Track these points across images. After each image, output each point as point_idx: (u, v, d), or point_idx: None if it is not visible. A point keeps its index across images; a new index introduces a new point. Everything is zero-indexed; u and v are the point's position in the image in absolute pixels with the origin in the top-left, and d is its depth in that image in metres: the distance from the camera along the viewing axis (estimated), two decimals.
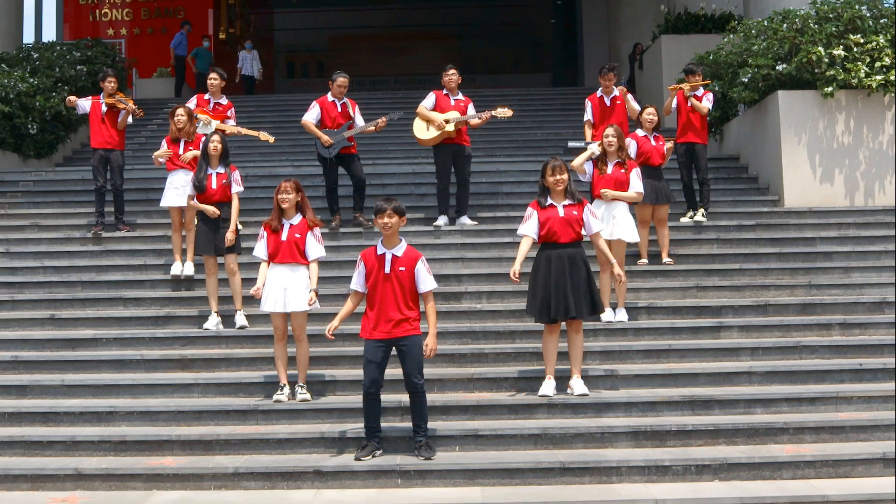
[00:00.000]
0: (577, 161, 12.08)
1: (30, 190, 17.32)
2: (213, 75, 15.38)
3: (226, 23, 36.06)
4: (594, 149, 12.28)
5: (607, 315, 11.87)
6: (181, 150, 13.50)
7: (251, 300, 11.81)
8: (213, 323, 12.02)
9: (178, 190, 13.25)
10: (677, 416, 10.01)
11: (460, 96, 14.99)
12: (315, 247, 10.46)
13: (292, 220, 10.45)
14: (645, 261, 13.47)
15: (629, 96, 14.64)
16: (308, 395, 10.33)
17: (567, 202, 10.27)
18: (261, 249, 10.50)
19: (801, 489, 8.67)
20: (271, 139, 15.00)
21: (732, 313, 12.26)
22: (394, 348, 9.24)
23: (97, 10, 33.06)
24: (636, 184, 12.05)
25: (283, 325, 10.42)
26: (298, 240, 10.39)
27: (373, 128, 14.73)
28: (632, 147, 13.24)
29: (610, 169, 12.05)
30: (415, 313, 9.22)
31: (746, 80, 16.40)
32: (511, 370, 10.92)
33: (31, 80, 20.18)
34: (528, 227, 10.32)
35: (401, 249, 9.25)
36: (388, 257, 9.20)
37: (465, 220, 14.86)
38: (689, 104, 15.03)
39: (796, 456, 9.10)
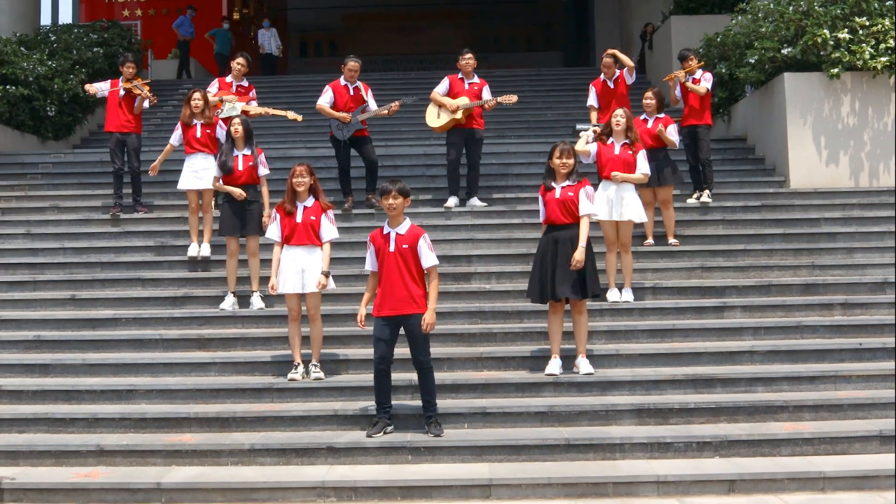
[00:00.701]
0: (578, 146, 12.27)
1: (49, 172, 17.62)
2: (240, 60, 15.58)
3: (239, 3, 36.26)
4: (588, 134, 12.50)
5: (613, 295, 12.14)
6: (198, 134, 13.71)
7: (267, 283, 12.14)
8: (229, 303, 12.30)
9: (196, 173, 13.49)
10: (680, 394, 10.29)
11: (475, 79, 15.21)
12: (329, 228, 10.75)
13: (306, 202, 10.73)
14: (651, 241, 13.71)
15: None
16: (321, 374, 10.64)
17: (566, 183, 10.51)
18: (274, 231, 10.78)
19: (799, 465, 8.95)
20: (299, 118, 15.22)
21: (736, 293, 12.50)
22: (402, 326, 9.53)
23: None
24: (643, 165, 12.26)
25: (297, 305, 10.71)
26: (314, 222, 10.67)
27: (386, 112, 14.95)
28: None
29: (617, 150, 12.26)
30: (421, 291, 9.48)
31: (753, 61, 16.59)
32: (519, 349, 11.21)
33: (50, 62, 20.43)
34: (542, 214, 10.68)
35: (404, 228, 9.54)
36: (393, 236, 9.49)
37: (476, 202, 15.12)
38: (687, 89, 15.21)
39: (795, 433, 9.37)
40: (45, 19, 29.82)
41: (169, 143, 14.16)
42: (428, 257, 9.49)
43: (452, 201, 15.09)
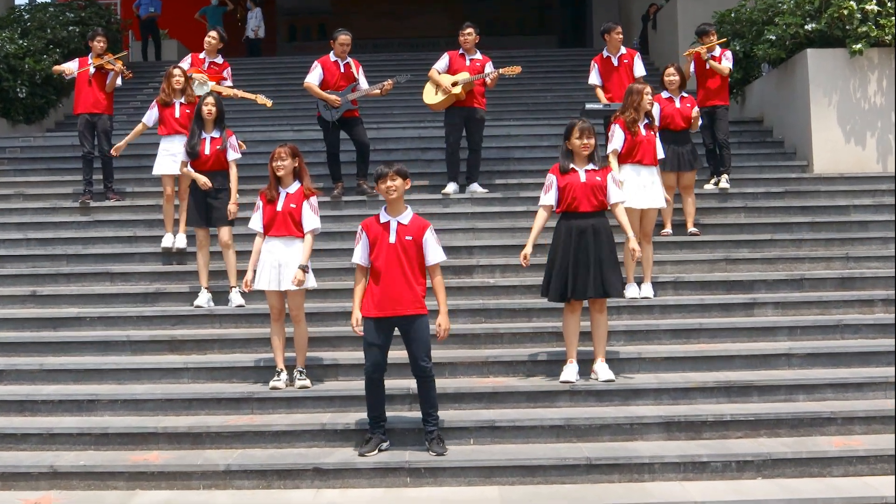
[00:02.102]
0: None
1: (16, 157, 16.45)
2: (212, 34, 14.47)
3: None
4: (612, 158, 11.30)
5: (632, 290, 10.99)
6: (176, 114, 12.66)
7: (239, 276, 11.04)
8: (204, 300, 11.16)
9: (174, 157, 12.36)
10: (712, 403, 9.13)
11: (478, 55, 14.08)
12: (310, 217, 9.53)
13: (289, 188, 9.54)
14: (669, 231, 12.58)
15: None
16: (307, 382, 9.44)
17: (590, 167, 9.37)
18: (256, 221, 9.57)
19: (855, 488, 7.78)
20: (269, 103, 14.13)
21: (766, 288, 11.37)
22: (396, 328, 8.36)
23: None
24: (660, 148, 11.21)
25: (279, 304, 9.52)
26: (294, 210, 9.46)
27: (378, 91, 13.84)
28: (655, 109, 12.25)
29: (644, 131, 11.12)
30: (422, 289, 8.32)
31: (773, 38, 15.46)
32: (529, 352, 10.03)
33: (21, 41, 19.26)
34: (548, 198, 9.45)
35: (407, 217, 8.36)
36: (394, 226, 8.29)
37: (476, 188, 13.98)
38: (707, 66, 14.12)
39: (847, 450, 8.22)
40: None
41: (141, 123, 13.03)
42: (436, 252, 8.36)
43: (451, 187, 13.92)
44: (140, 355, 10.38)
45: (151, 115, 12.82)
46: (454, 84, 13.66)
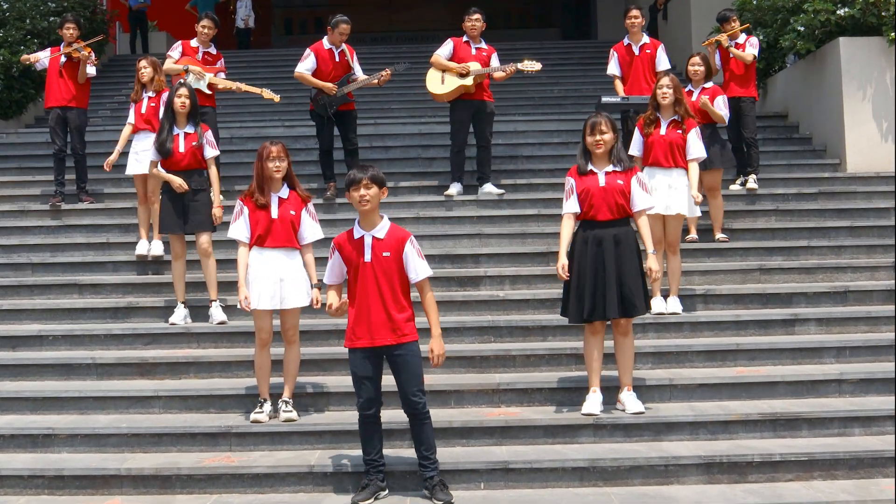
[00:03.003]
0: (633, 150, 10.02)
1: None
2: (205, 22, 13.26)
3: None
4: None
5: (658, 304, 9.81)
6: (143, 109, 11.61)
7: (228, 288, 9.90)
8: (179, 316, 10.04)
9: (137, 156, 11.42)
10: (756, 438, 7.95)
11: (483, 45, 12.92)
12: (312, 227, 8.41)
13: (280, 192, 8.36)
14: (694, 237, 11.44)
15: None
16: (294, 414, 8.24)
17: (611, 168, 8.20)
18: (241, 229, 8.32)
19: None
20: (276, 98, 12.95)
21: (806, 302, 10.24)
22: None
23: None
24: (696, 147, 9.98)
25: (269, 326, 8.32)
26: (293, 217, 8.31)
27: (376, 81, 12.69)
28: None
29: (664, 129, 9.95)
30: (407, 312, 7.11)
31: (801, 29, 14.31)
32: (545, 378, 8.86)
33: None
34: (570, 204, 8.22)
35: (383, 230, 7.13)
36: (368, 241, 7.10)
37: (490, 188, 12.83)
38: (730, 55, 13.01)
39: None
40: None
41: (127, 123, 11.96)
42: (419, 267, 7.13)
43: (455, 188, 12.76)
44: (106, 380, 9.23)
45: (131, 114, 11.73)
46: (465, 73, 12.49)
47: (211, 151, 10.24)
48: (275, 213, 8.27)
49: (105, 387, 9.01)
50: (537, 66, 12.66)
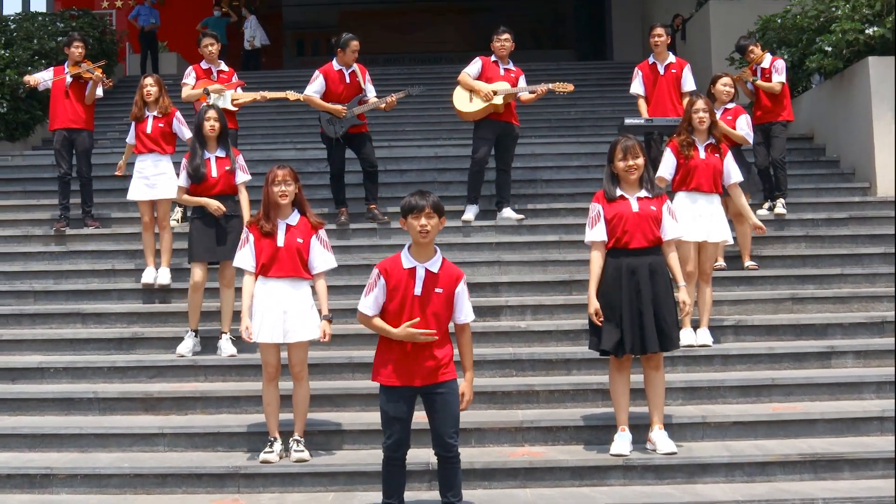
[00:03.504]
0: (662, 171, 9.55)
1: None
2: (208, 40, 12.82)
3: None
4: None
5: (687, 336, 9.34)
6: (148, 129, 11.20)
7: (239, 318, 9.47)
8: (188, 346, 9.62)
9: (147, 180, 10.99)
10: (796, 481, 7.50)
11: (511, 65, 12.49)
12: (323, 256, 7.94)
13: (288, 219, 7.93)
14: (722, 264, 10.99)
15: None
16: (306, 454, 7.79)
17: (643, 194, 7.76)
18: (247, 258, 7.92)
19: None
20: (301, 97, 12.54)
21: (842, 333, 9.78)
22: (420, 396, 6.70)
23: None
24: (735, 171, 9.57)
25: (276, 360, 7.88)
26: (301, 246, 7.85)
27: (383, 105, 12.25)
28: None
29: (703, 153, 9.51)
30: (449, 349, 6.65)
31: (829, 48, 13.88)
32: (570, 415, 8.41)
33: (3, 52, 17.75)
34: (597, 232, 7.75)
35: (436, 263, 6.62)
36: (420, 273, 6.60)
37: (509, 213, 12.37)
38: (756, 85, 12.68)
39: None
40: (16, 7, 27.39)
41: (126, 144, 11.61)
42: (467, 310, 6.70)
43: (472, 212, 12.32)
44: (109, 415, 8.80)
45: (130, 133, 11.32)
46: (494, 93, 12.08)
47: (242, 176, 9.88)
48: (280, 240, 7.83)
49: (107, 423, 8.58)
50: (570, 87, 12.27)
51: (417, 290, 6.52)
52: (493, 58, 12.46)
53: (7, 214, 13.35)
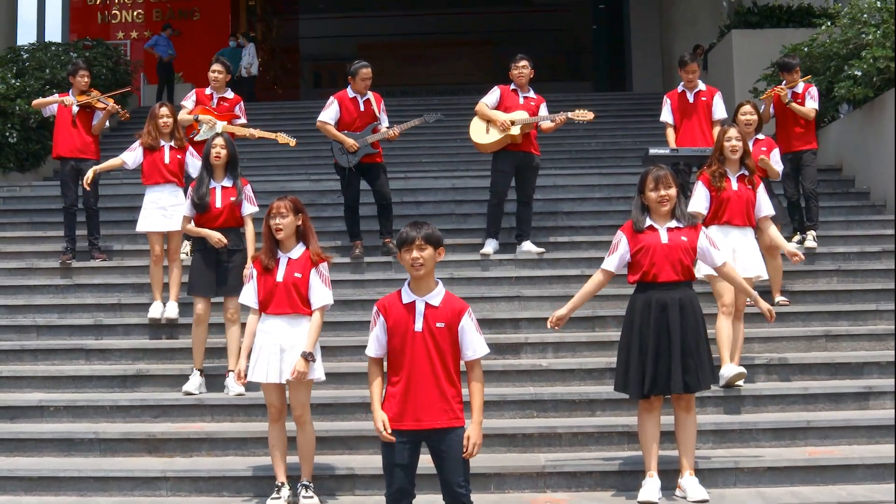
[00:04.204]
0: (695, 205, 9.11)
1: None
2: (215, 66, 12.54)
3: (245, 26, 33.58)
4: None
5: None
6: (166, 159, 10.88)
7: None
8: (194, 385, 9.22)
9: (164, 210, 10.67)
10: None
11: (531, 94, 12.14)
12: (320, 290, 7.50)
13: (291, 252, 7.53)
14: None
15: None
16: (315, 500, 7.38)
17: (673, 224, 7.36)
18: (249, 295, 7.55)
19: None
20: (292, 142, 12.23)
21: (879, 372, 9.32)
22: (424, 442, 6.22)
23: (106, 12, 30.53)
24: (767, 204, 9.14)
25: (280, 400, 7.49)
26: (299, 280, 7.44)
27: (391, 134, 11.89)
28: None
29: (735, 184, 9.08)
30: (458, 392, 6.17)
31: (859, 74, 13.48)
32: (595, 459, 7.98)
33: (14, 81, 17.48)
34: (610, 261, 7.50)
35: (437, 297, 6.18)
36: (420, 308, 6.15)
37: (530, 247, 11.96)
38: (787, 106, 12.21)
39: None
40: (31, 38, 27.28)
41: (120, 159, 11.18)
42: (476, 344, 6.22)
43: (491, 246, 11.91)
44: (110, 456, 8.40)
45: (132, 156, 10.97)
46: (512, 122, 11.71)
47: (249, 208, 9.53)
48: (280, 275, 7.44)
49: (108, 465, 8.18)
50: (589, 115, 11.87)
51: (418, 326, 6.08)
52: (512, 86, 12.11)
53: (12, 246, 13.01)
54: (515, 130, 11.66)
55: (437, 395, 6.06)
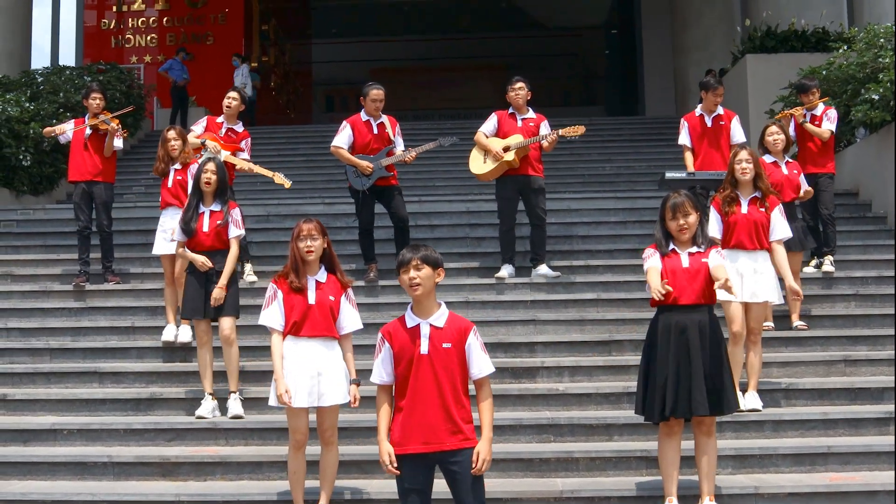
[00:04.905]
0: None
1: (11, 231, 14.62)
2: (232, 94, 12.46)
3: (258, 51, 33.63)
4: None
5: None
6: (169, 183, 10.99)
7: (250, 378, 9.07)
8: (207, 409, 9.14)
9: (165, 234, 10.75)
10: None
11: (531, 114, 12.11)
12: (352, 316, 7.44)
13: (317, 275, 7.45)
14: (770, 324, 10.46)
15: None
16: None
17: (694, 249, 7.30)
18: (274, 316, 7.38)
19: None
20: (287, 183, 12.08)
21: None
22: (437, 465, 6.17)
23: (120, 36, 30.61)
24: (781, 226, 9.04)
25: (306, 426, 7.39)
26: (333, 304, 7.37)
27: (407, 158, 11.87)
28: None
29: (745, 208, 9.02)
30: (467, 412, 6.10)
31: (876, 97, 13.41)
32: (613, 484, 7.88)
33: (28, 105, 17.47)
34: (654, 261, 7.34)
35: (441, 318, 6.14)
36: (425, 330, 6.11)
37: (545, 270, 11.87)
38: (804, 127, 12.13)
39: None
40: (45, 62, 27.29)
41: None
42: (482, 363, 6.14)
43: (506, 271, 11.85)
44: (123, 480, 8.32)
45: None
46: (505, 149, 11.69)
47: (235, 231, 9.50)
48: (312, 298, 7.33)
49: (121, 489, 8.10)
50: (580, 129, 11.80)
51: (424, 349, 6.04)
52: (509, 110, 12.10)
53: (26, 269, 12.97)
54: (510, 156, 11.65)
55: (443, 417, 6.02)
